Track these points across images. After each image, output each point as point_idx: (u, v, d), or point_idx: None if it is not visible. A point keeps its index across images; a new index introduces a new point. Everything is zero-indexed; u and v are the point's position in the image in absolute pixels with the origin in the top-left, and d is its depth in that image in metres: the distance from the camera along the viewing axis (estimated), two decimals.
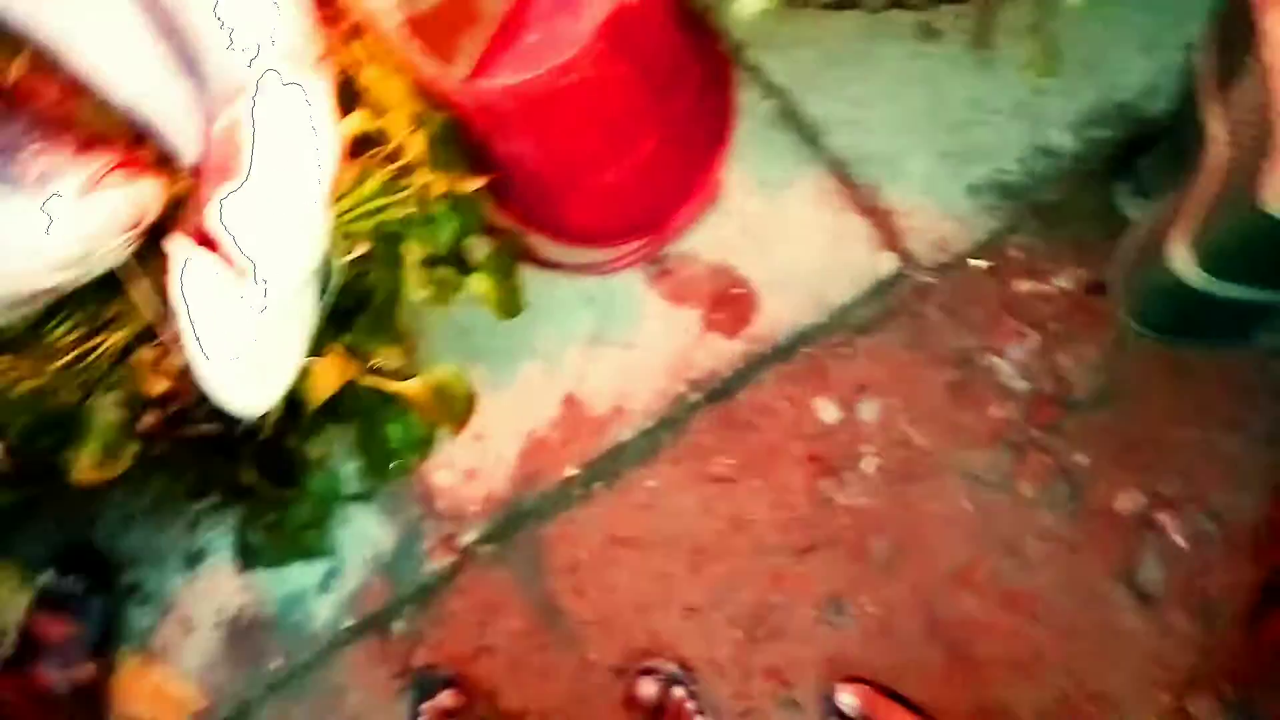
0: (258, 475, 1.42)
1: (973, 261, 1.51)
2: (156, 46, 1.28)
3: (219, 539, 1.58)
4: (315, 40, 1.24)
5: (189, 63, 1.27)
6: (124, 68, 1.28)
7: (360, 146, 1.24)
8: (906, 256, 1.51)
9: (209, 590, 1.57)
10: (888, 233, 1.51)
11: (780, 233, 1.53)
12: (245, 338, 1.12)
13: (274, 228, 1.14)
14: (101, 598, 1.56)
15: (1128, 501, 1.42)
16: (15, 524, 1.61)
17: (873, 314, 1.52)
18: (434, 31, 1.08)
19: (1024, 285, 1.50)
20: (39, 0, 1.31)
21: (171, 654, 1.56)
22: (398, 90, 1.20)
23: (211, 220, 1.11)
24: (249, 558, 1.53)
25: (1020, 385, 1.47)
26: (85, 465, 1.27)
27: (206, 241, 1.13)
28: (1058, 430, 1.45)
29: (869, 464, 1.48)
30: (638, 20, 1.20)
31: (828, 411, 1.51)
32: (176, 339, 1.27)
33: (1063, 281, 1.49)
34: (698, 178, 1.52)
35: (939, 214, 1.51)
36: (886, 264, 1.51)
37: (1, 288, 1.22)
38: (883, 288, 1.51)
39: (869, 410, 1.50)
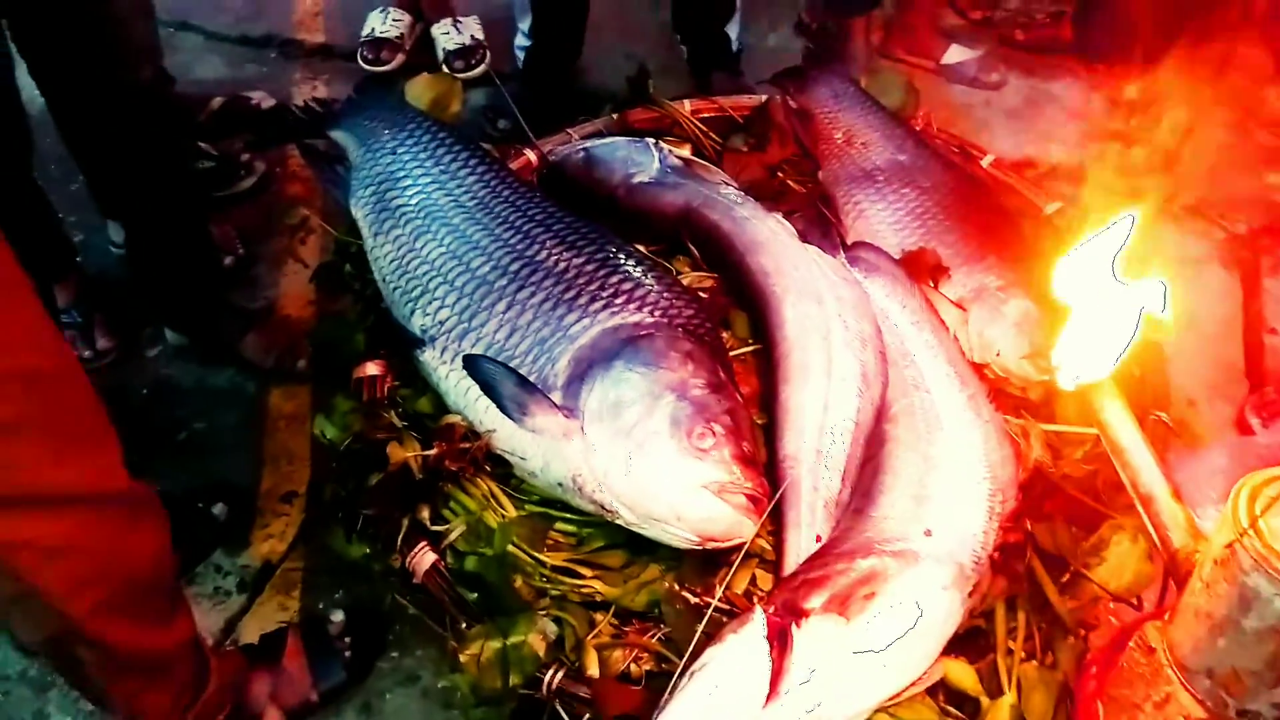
0: None
1: None
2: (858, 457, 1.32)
3: None
4: (982, 576, 1.19)
5: (861, 495, 1.28)
6: (800, 438, 1.32)
7: (947, 693, 1.13)
8: None
9: None
10: None
11: None
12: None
13: (831, 680, 1.04)
14: None
15: None
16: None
17: None
18: None
19: None
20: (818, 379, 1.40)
21: None
22: (1042, 702, 1.07)
23: (803, 638, 1.03)
24: None
25: None
26: (472, 654, 1.20)
27: (775, 634, 1.05)
28: None
29: None
30: None
31: None
32: (648, 648, 1.20)
33: None
34: None
35: None
36: None
37: (583, 476, 1.25)
38: None
39: None
